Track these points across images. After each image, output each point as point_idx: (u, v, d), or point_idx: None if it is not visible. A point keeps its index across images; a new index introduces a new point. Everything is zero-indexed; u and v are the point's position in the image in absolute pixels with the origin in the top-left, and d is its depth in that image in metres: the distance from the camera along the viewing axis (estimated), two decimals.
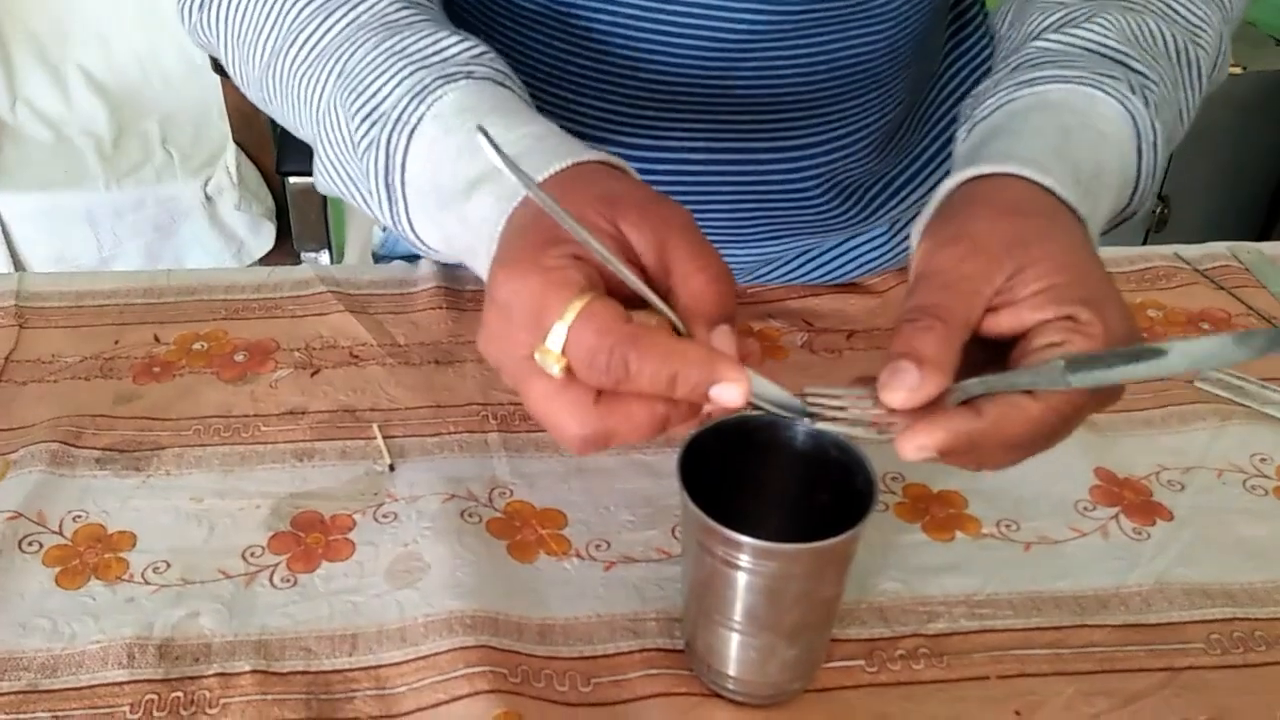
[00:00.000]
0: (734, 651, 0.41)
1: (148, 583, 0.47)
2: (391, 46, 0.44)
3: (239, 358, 0.61)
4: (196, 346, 0.62)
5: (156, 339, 0.63)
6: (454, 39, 0.44)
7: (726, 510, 0.38)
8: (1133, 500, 0.52)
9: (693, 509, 0.38)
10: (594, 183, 0.38)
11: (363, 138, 0.43)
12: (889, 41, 0.59)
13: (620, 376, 0.34)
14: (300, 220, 1.12)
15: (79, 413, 0.56)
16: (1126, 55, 0.46)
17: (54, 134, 1.59)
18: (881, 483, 0.53)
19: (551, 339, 0.34)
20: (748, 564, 0.38)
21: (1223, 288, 0.69)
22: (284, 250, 1.54)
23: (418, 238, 0.44)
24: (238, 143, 1.49)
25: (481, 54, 0.44)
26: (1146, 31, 0.48)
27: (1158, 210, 1.92)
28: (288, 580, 0.47)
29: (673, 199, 0.38)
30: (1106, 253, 0.72)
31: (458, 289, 0.67)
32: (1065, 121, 0.43)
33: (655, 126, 0.59)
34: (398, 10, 0.46)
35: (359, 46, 0.44)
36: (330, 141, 0.45)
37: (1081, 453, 0.55)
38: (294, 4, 0.47)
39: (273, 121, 1.54)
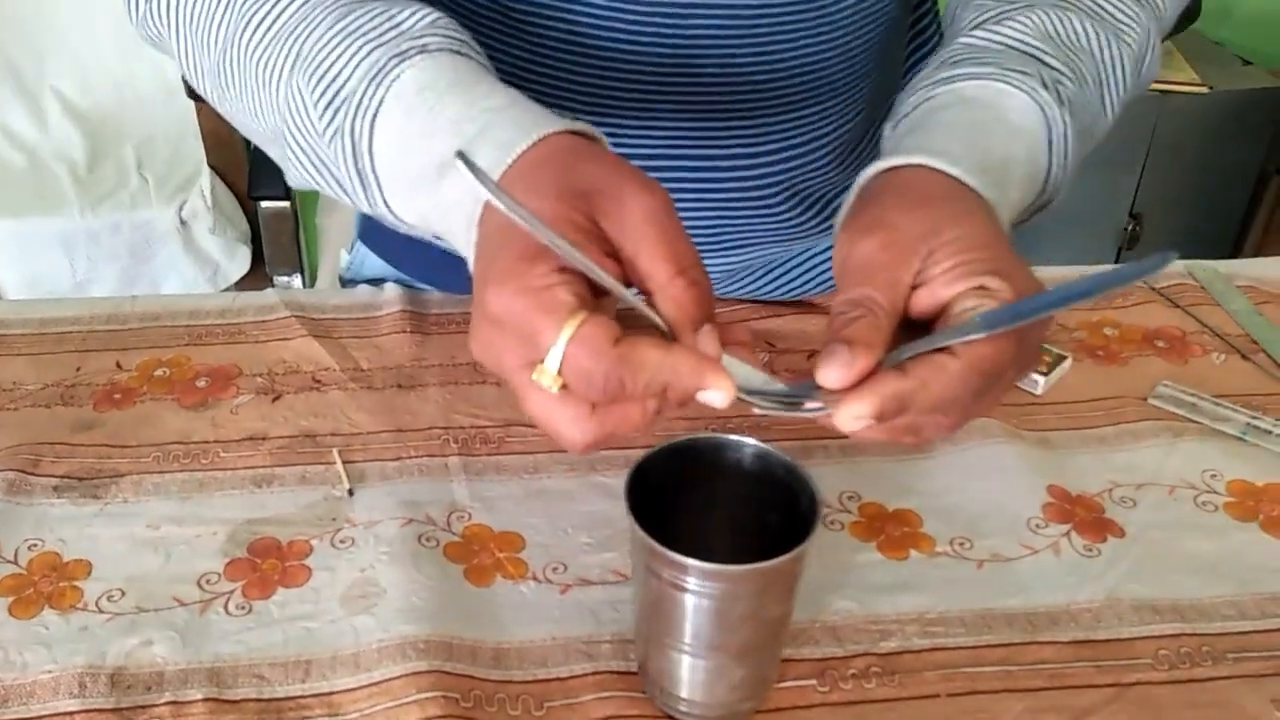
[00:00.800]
0: (684, 673, 0.41)
1: (101, 611, 0.47)
2: (347, 25, 0.44)
3: (200, 384, 0.61)
4: (159, 373, 0.62)
5: (119, 365, 0.63)
6: (407, 11, 0.44)
7: (676, 533, 0.38)
8: (1084, 517, 0.53)
9: (639, 533, 0.38)
10: (565, 169, 0.39)
11: (328, 125, 0.43)
12: (843, 49, 0.60)
13: (616, 394, 0.36)
14: (273, 244, 1.12)
15: (38, 440, 0.56)
16: (1042, 51, 0.48)
17: (28, 159, 1.59)
18: (838, 501, 0.54)
19: (549, 361, 0.36)
20: (694, 586, 0.38)
21: (1178, 305, 0.70)
22: (260, 274, 1.54)
23: (397, 219, 0.45)
24: (213, 167, 1.49)
25: (435, 20, 0.44)
26: (1069, 29, 0.50)
27: (1129, 227, 1.94)
28: (242, 607, 0.47)
29: (647, 175, 0.39)
30: (1064, 271, 0.73)
31: (422, 313, 0.67)
32: (976, 116, 0.46)
33: (615, 134, 0.59)
34: None
35: (315, 26, 0.44)
36: (296, 126, 0.45)
37: (1035, 470, 0.55)
38: None
39: (247, 145, 1.55)
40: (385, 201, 0.44)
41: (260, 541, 0.51)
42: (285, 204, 1.09)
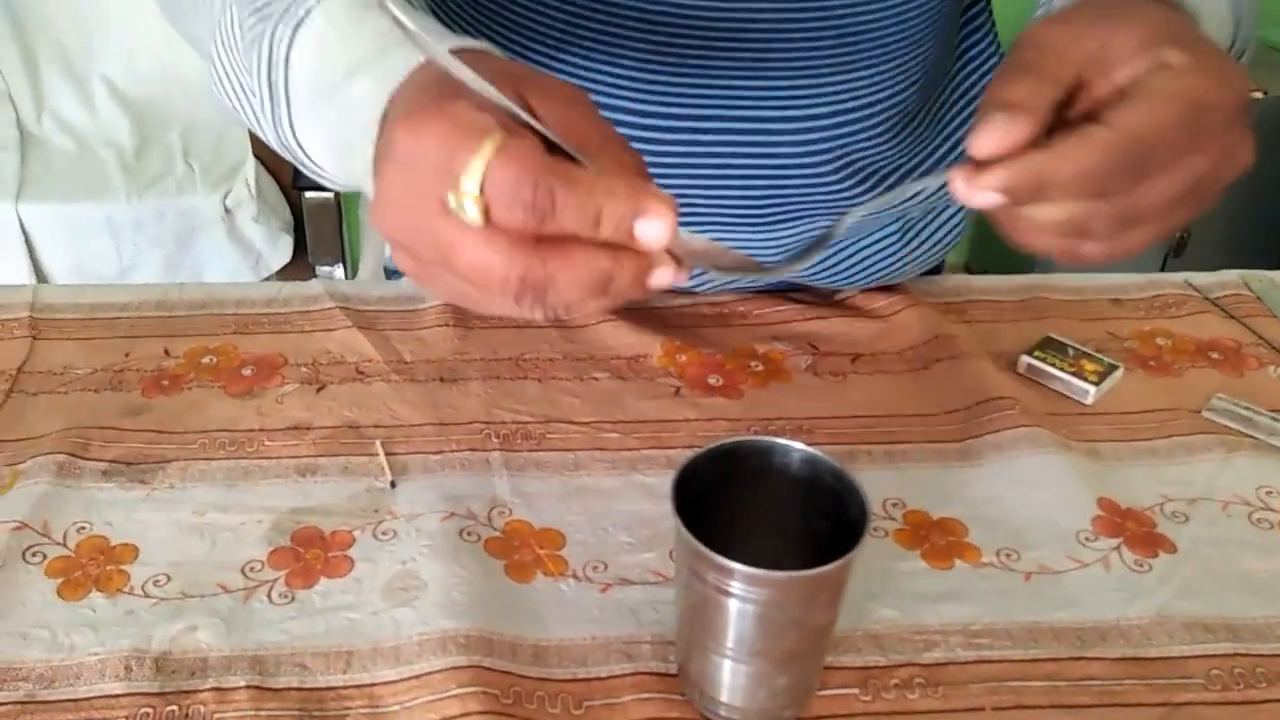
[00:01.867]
0: (726, 678, 0.41)
1: (147, 595, 0.47)
2: None
3: (246, 372, 0.62)
4: (205, 360, 0.63)
5: (166, 352, 0.63)
6: None
7: (721, 536, 0.38)
8: (1135, 531, 0.52)
9: (684, 534, 0.38)
10: (493, 60, 0.37)
11: (249, 30, 0.42)
12: (897, 13, 0.59)
13: (545, 211, 0.31)
14: (315, 234, 1.13)
15: (88, 424, 0.57)
16: None
17: (78, 145, 1.61)
18: (882, 509, 0.53)
19: (467, 179, 0.31)
20: (739, 591, 0.38)
21: (1233, 316, 0.68)
22: (301, 264, 1.55)
23: (299, 145, 0.42)
24: (257, 156, 1.51)
25: None
26: None
27: (1178, 234, 1.91)
28: (285, 596, 0.48)
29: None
30: (1116, 279, 0.72)
31: (465, 308, 0.67)
32: None
33: (668, 93, 0.59)
34: None
35: None
36: (223, 45, 0.44)
37: (1084, 482, 0.54)
38: None
39: None
40: (290, 121, 0.41)
41: (304, 531, 0.51)
42: (329, 195, 1.10)
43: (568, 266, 0.32)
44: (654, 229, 0.32)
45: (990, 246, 2.20)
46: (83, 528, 0.51)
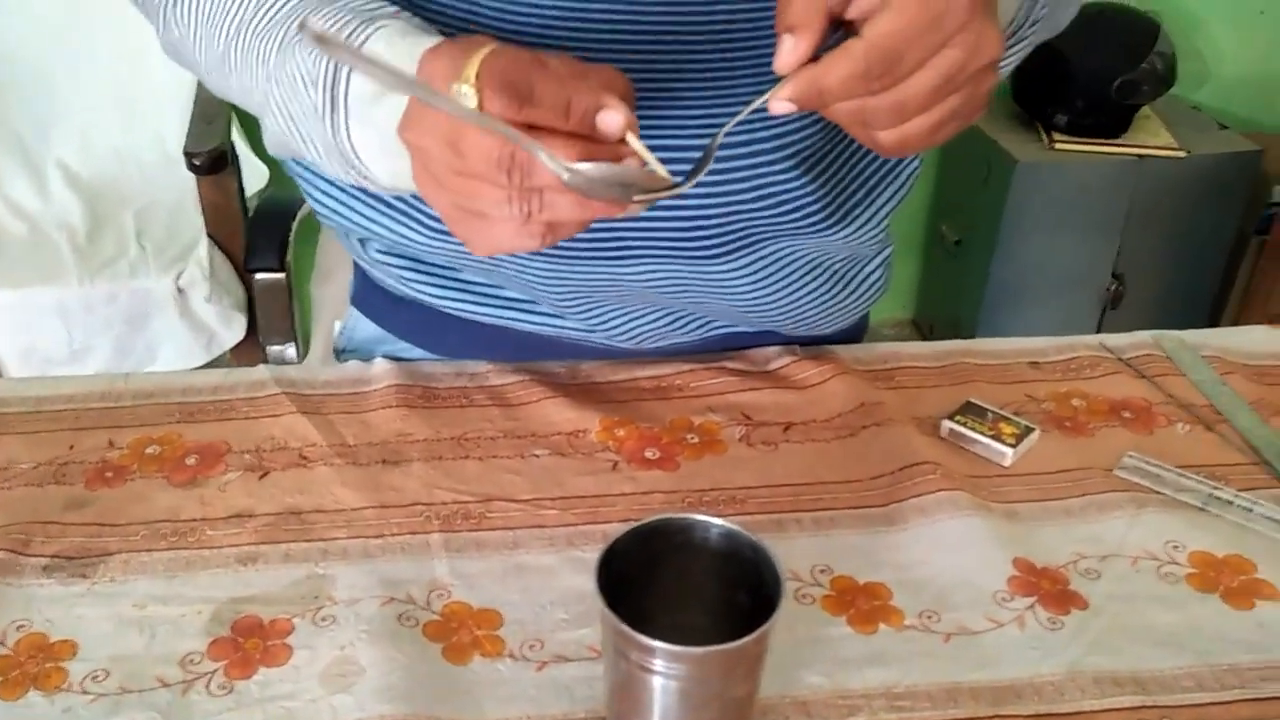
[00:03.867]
0: None
1: (85, 692, 0.48)
2: (344, 4, 0.50)
3: (190, 461, 0.63)
4: (150, 450, 0.64)
5: (111, 443, 0.64)
6: (390, 5, 0.51)
7: (648, 613, 0.40)
8: (1049, 589, 0.54)
9: (607, 614, 0.40)
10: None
11: (310, 55, 0.49)
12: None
13: (524, 95, 0.40)
14: (266, 315, 1.14)
15: (29, 519, 0.58)
16: None
17: (30, 229, 1.62)
18: (810, 575, 0.55)
19: (468, 69, 0.40)
20: (660, 667, 0.39)
21: (1145, 376, 0.72)
22: (254, 342, 1.55)
23: (352, 148, 0.49)
24: (211, 236, 1.52)
25: (413, 17, 0.51)
26: None
27: (1113, 288, 1.97)
28: (224, 687, 0.48)
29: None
30: (1035, 343, 0.75)
31: (410, 385, 0.69)
32: None
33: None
34: None
35: (311, 10, 0.51)
36: (279, 85, 0.51)
37: (1001, 543, 0.57)
38: None
39: (245, 214, 1.58)
40: (347, 127, 0.48)
41: (243, 620, 0.52)
42: (280, 275, 1.11)
43: (545, 141, 0.40)
44: (611, 119, 0.40)
45: (934, 304, 2.26)
46: (22, 625, 0.51)
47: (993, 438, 0.64)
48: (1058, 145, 1.89)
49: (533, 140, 0.39)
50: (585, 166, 0.40)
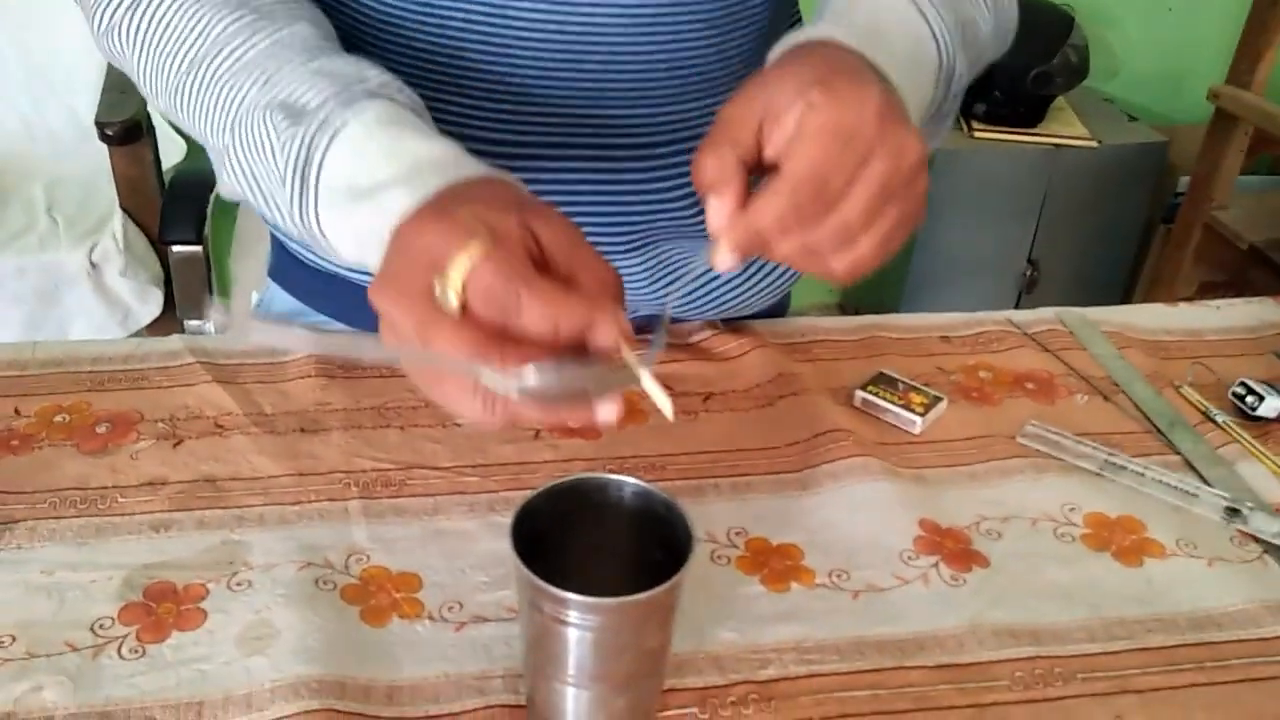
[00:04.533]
0: (570, 705, 0.43)
1: None
2: (320, 67, 0.48)
3: (101, 429, 0.61)
4: (58, 419, 0.62)
5: (17, 412, 0.63)
6: (373, 69, 0.49)
7: (563, 570, 0.40)
8: (953, 549, 0.56)
9: (522, 570, 0.40)
10: (507, 187, 0.44)
11: (284, 132, 0.47)
12: (718, 49, 0.64)
13: (512, 310, 0.38)
14: (184, 288, 1.12)
15: None
16: None
17: None
18: (726, 537, 0.57)
19: (453, 273, 0.38)
20: (574, 619, 0.40)
21: (1048, 350, 0.75)
22: (171, 317, 1.52)
23: (320, 229, 0.47)
24: (124, 209, 1.48)
25: (400, 86, 0.49)
26: None
27: (1028, 273, 2.04)
28: (136, 651, 0.48)
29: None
30: (946, 319, 0.78)
31: (328, 357, 0.68)
32: (836, 7, 0.52)
33: (514, 121, 0.63)
34: (319, 37, 0.51)
35: (285, 63, 0.49)
36: (242, 143, 0.49)
37: (909, 505, 0.59)
38: (219, 20, 0.50)
39: (161, 187, 1.54)
40: (316, 212, 0.47)
41: (156, 585, 0.51)
42: (197, 248, 1.09)
43: (511, 352, 0.38)
44: (602, 334, 0.39)
45: (858, 289, 2.30)
46: None
47: (903, 407, 0.66)
48: (976, 134, 1.94)
49: (477, 366, 0.38)
50: (534, 377, 0.38)
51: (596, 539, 0.45)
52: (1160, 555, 0.57)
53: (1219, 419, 0.68)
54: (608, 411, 0.41)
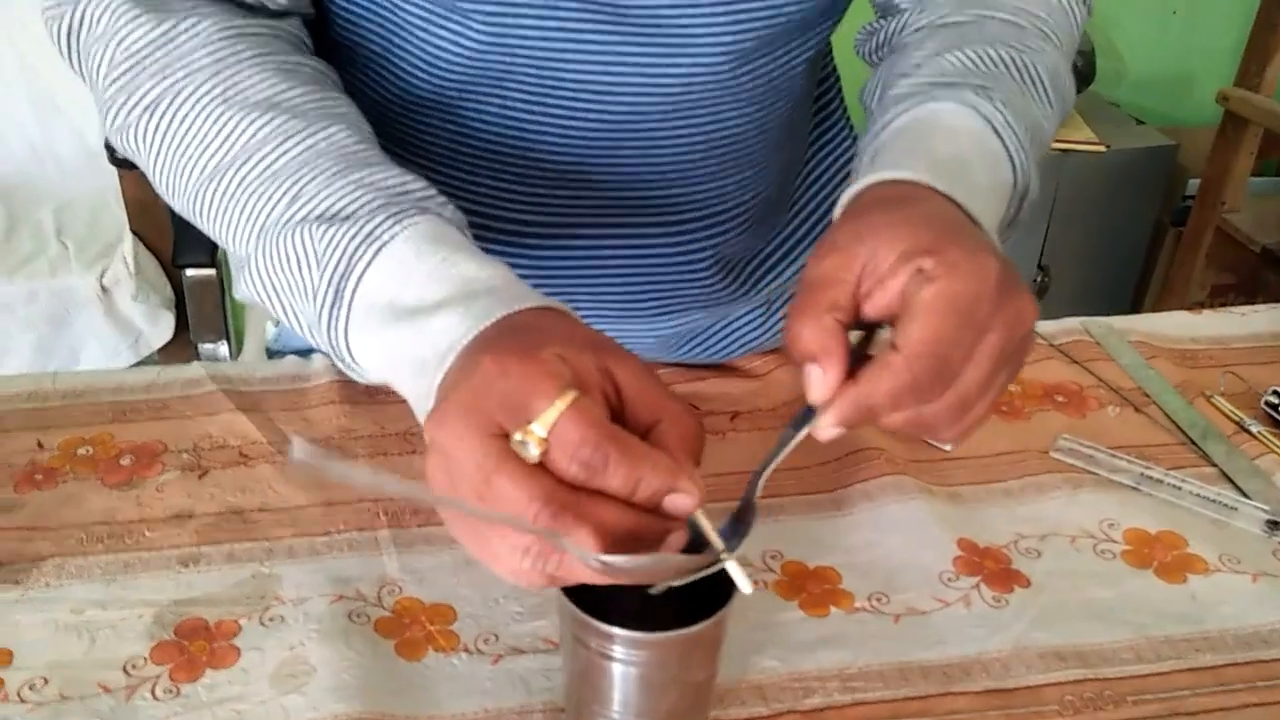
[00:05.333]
0: None
1: (23, 701, 0.46)
2: (360, 178, 0.45)
3: (125, 461, 0.61)
4: (81, 451, 0.61)
5: (40, 445, 0.62)
6: (416, 181, 0.46)
7: (601, 601, 0.40)
8: (993, 569, 0.56)
9: (565, 603, 0.40)
10: (575, 324, 0.41)
11: (319, 242, 0.44)
12: (758, 124, 0.63)
13: (597, 470, 0.36)
14: (198, 312, 1.11)
15: None
16: (964, 77, 0.52)
17: None
18: (761, 561, 0.56)
19: (538, 424, 0.35)
20: (620, 654, 0.39)
21: (1075, 361, 0.74)
22: (183, 341, 1.51)
23: (347, 346, 0.44)
24: (135, 233, 1.47)
25: (444, 200, 0.46)
26: (987, 58, 0.53)
27: (1038, 279, 2.03)
28: (170, 691, 0.47)
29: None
30: None
31: (351, 382, 0.68)
32: (911, 134, 0.49)
33: (547, 203, 0.62)
34: (355, 142, 0.47)
35: (320, 172, 0.45)
36: (266, 254, 0.46)
37: (945, 525, 0.58)
38: (248, 124, 0.47)
39: (171, 211, 1.54)
40: (346, 329, 0.44)
41: (187, 622, 0.50)
42: (211, 271, 1.08)
43: (586, 523, 0.35)
44: (680, 503, 0.37)
45: None
46: None
47: None
48: None
49: (562, 537, 0.35)
50: (619, 561, 0.36)
51: None
52: (1203, 571, 0.56)
53: (1253, 429, 0.67)
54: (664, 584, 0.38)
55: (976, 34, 0.56)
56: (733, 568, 0.39)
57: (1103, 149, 1.95)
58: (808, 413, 0.41)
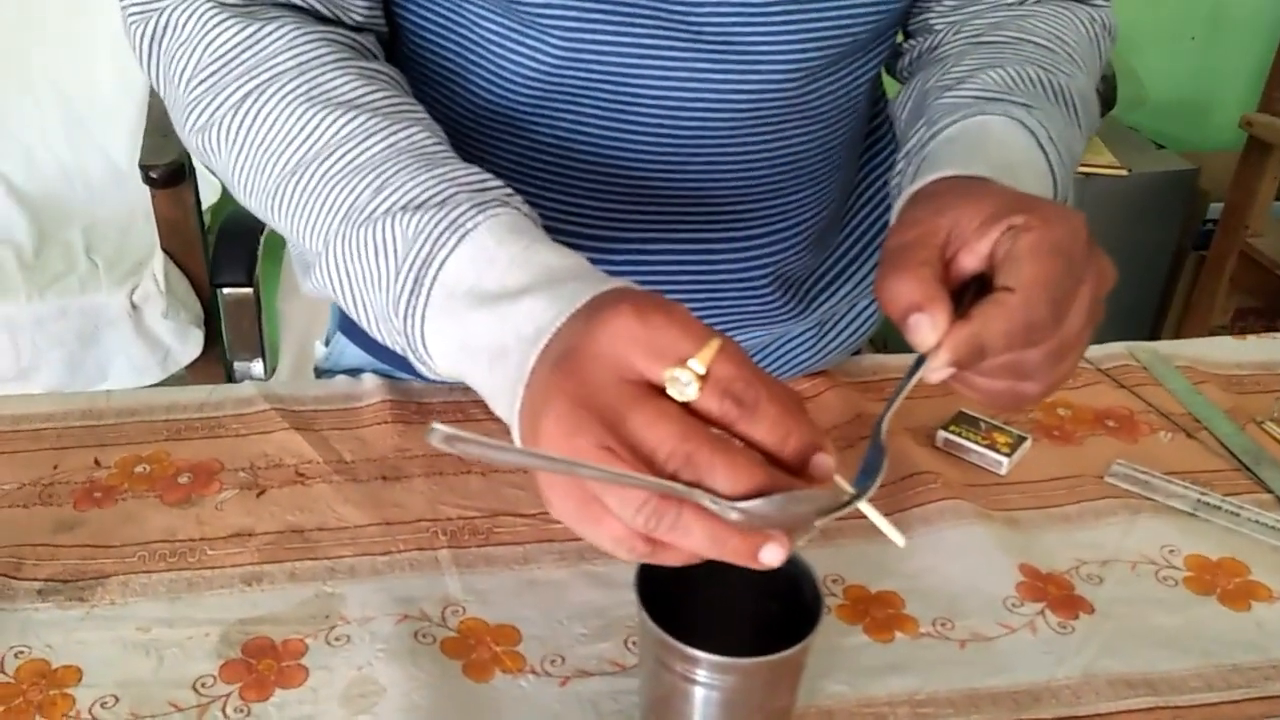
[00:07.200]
0: None
1: (96, 719, 0.46)
2: (443, 174, 0.46)
3: (183, 479, 0.61)
4: (139, 469, 0.62)
5: (97, 462, 0.62)
6: (494, 178, 0.47)
7: (680, 624, 0.40)
8: (1056, 595, 0.55)
9: (651, 627, 0.40)
10: (675, 307, 0.40)
11: (401, 230, 0.44)
12: (822, 141, 0.64)
13: (750, 407, 0.35)
14: (234, 329, 1.12)
15: (18, 542, 0.55)
16: (1007, 93, 0.55)
17: None
18: (824, 585, 0.56)
19: (697, 361, 0.35)
20: (705, 678, 0.39)
21: (1124, 386, 0.74)
22: (211, 358, 1.52)
23: (422, 338, 0.44)
24: (166, 250, 1.48)
25: (521, 199, 0.47)
26: (1025, 77, 0.56)
27: None
28: (241, 710, 0.47)
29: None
30: None
31: (404, 401, 0.68)
32: (964, 142, 0.52)
33: (615, 218, 0.62)
34: (434, 143, 0.48)
35: (403, 167, 0.46)
36: (345, 242, 0.46)
37: (1005, 550, 0.58)
38: (331, 122, 0.48)
39: (202, 229, 1.55)
40: (424, 311, 0.44)
41: (254, 641, 0.50)
42: (248, 290, 1.09)
43: (731, 462, 0.34)
44: (826, 462, 0.36)
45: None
46: (21, 652, 0.49)
47: (988, 447, 0.65)
48: None
49: (692, 490, 0.34)
50: (754, 504, 0.34)
51: (709, 591, 0.45)
52: (1268, 599, 0.56)
53: None
54: (773, 555, 0.36)
55: (1013, 54, 0.58)
56: (869, 510, 0.39)
57: (1124, 173, 1.96)
58: (919, 361, 0.42)
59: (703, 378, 0.35)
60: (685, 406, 0.35)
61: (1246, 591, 0.56)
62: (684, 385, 0.35)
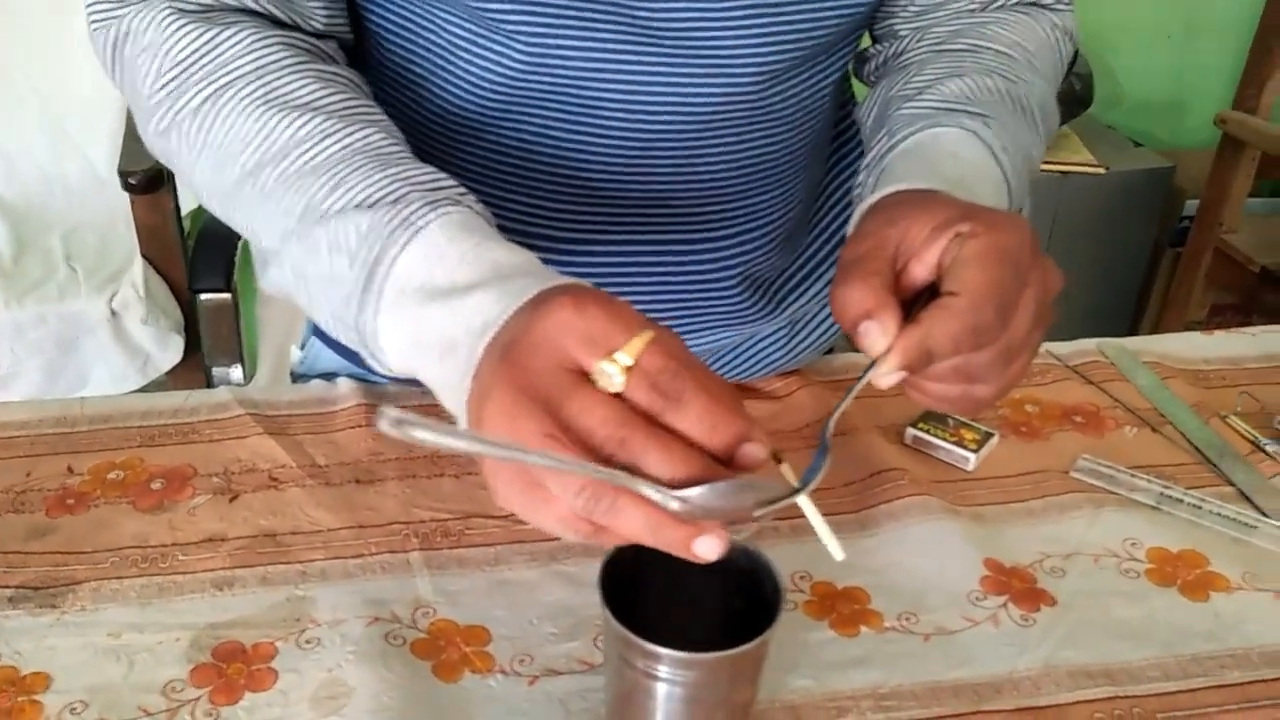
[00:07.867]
0: None
1: None
2: (396, 173, 0.47)
3: (155, 485, 0.61)
4: (112, 476, 0.62)
5: (70, 469, 0.62)
6: (448, 178, 0.48)
7: (643, 621, 0.40)
8: (1019, 588, 0.56)
9: (614, 625, 0.40)
10: (618, 304, 0.41)
11: (355, 227, 0.45)
12: (787, 144, 0.65)
13: (675, 399, 0.36)
14: (213, 335, 1.12)
15: None
16: (964, 104, 0.56)
17: None
18: (790, 581, 0.56)
19: (623, 354, 0.36)
20: (666, 674, 0.40)
21: (1091, 382, 0.75)
22: (191, 364, 1.52)
23: (375, 333, 0.45)
24: (145, 256, 1.48)
25: (475, 198, 0.48)
26: (983, 87, 0.57)
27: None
28: (210, 714, 0.47)
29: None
30: None
31: (378, 405, 0.68)
32: (919, 155, 0.53)
33: (581, 221, 0.63)
34: (390, 144, 0.49)
35: (357, 168, 0.47)
36: (301, 242, 0.47)
37: (971, 544, 0.59)
38: (289, 124, 0.49)
39: (182, 235, 1.54)
40: (377, 306, 0.44)
41: (224, 646, 0.51)
42: (226, 296, 1.09)
43: (664, 446, 0.35)
44: (754, 451, 0.37)
45: None
46: None
47: (955, 443, 0.66)
48: None
49: (634, 478, 0.35)
50: (694, 493, 0.35)
51: (673, 588, 0.45)
52: (1226, 589, 0.57)
53: (1269, 448, 0.68)
54: (709, 547, 0.37)
55: (974, 63, 0.59)
56: (806, 504, 0.39)
57: (1101, 171, 1.97)
58: (871, 366, 0.43)
59: (630, 369, 0.36)
60: (619, 396, 0.36)
61: (1206, 582, 0.57)
62: (610, 377, 0.36)
